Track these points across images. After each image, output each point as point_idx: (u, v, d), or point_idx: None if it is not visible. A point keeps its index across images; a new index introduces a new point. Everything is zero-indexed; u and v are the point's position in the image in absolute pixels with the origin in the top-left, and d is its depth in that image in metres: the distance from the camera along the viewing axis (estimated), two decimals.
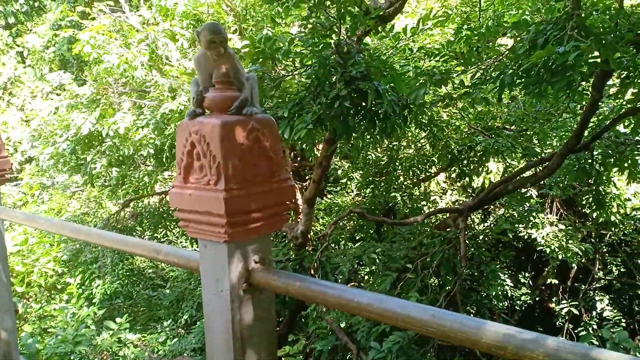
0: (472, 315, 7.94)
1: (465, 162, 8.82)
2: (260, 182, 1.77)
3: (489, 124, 9.12)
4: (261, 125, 1.77)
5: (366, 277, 8.79)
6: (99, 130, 8.74)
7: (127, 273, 11.27)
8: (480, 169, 9.18)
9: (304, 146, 7.20)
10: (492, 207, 10.43)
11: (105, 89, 9.35)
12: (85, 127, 8.51)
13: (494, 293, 8.02)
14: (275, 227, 1.89)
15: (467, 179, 9.44)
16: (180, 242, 12.68)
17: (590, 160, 7.24)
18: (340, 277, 7.53)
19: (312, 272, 7.66)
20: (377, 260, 7.53)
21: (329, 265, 7.66)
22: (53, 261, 10.65)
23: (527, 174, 7.81)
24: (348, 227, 10.29)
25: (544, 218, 9.88)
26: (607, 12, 5.14)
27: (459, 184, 11.11)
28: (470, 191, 10.82)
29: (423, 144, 9.93)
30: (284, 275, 1.76)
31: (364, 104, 5.27)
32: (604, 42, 4.17)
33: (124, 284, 10.89)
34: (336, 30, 5.59)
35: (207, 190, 1.70)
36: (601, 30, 4.60)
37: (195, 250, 1.94)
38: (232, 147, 1.68)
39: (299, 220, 8.57)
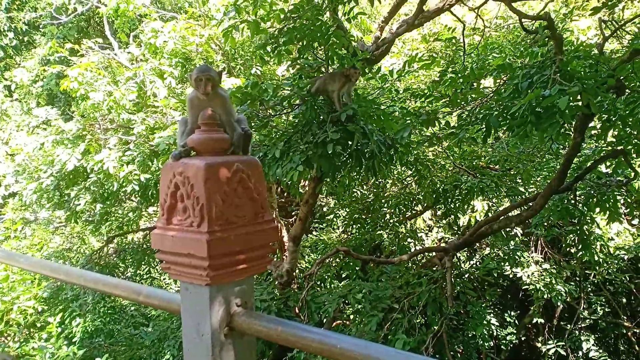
0: (459, 356, 7.84)
1: (450, 200, 8.86)
2: (244, 224, 1.75)
3: (474, 164, 9.22)
4: (246, 167, 1.76)
5: (352, 317, 8.67)
6: (83, 166, 8.68)
7: (109, 311, 11.03)
8: (466, 207, 9.23)
9: (289, 183, 7.21)
10: (477, 245, 10.44)
11: (91, 125, 9.34)
12: (70, 163, 8.45)
13: (479, 333, 7.96)
14: (258, 270, 1.87)
15: (452, 216, 9.47)
16: (164, 279, 12.51)
17: (573, 201, 7.32)
18: (326, 316, 7.41)
19: (297, 311, 7.55)
20: (363, 300, 7.45)
21: (314, 304, 7.56)
22: (33, 299, 10.39)
23: (512, 213, 7.87)
24: (334, 265, 10.23)
25: (529, 257, 9.90)
26: (588, 57, 5.29)
27: (444, 221, 11.14)
28: (456, 229, 10.85)
29: (409, 182, 9.98)
30: (266, 320, 1.73)
31: (350, 143, 5.31)
32: (585, 86, 4.28)
33: (105, 322, 10.64)
34: (324, 71, 5.69)
35: (190, 232, 1.68)
36: (582, 75, 4.73)
37: (179, 289, 1.91)
38: (216, 188, 1.67)
39: (284, 258, 8.49)
